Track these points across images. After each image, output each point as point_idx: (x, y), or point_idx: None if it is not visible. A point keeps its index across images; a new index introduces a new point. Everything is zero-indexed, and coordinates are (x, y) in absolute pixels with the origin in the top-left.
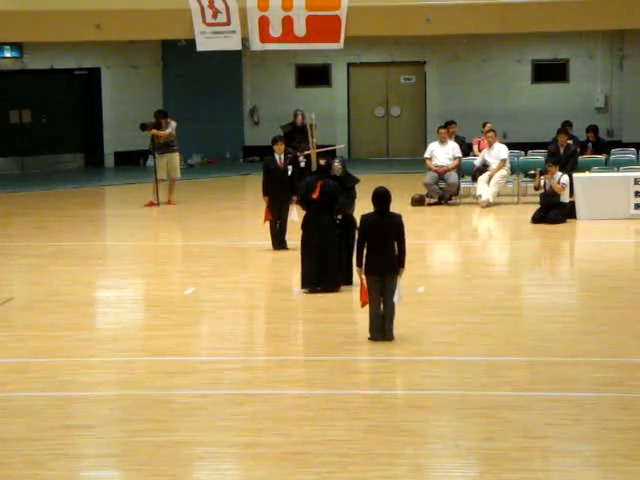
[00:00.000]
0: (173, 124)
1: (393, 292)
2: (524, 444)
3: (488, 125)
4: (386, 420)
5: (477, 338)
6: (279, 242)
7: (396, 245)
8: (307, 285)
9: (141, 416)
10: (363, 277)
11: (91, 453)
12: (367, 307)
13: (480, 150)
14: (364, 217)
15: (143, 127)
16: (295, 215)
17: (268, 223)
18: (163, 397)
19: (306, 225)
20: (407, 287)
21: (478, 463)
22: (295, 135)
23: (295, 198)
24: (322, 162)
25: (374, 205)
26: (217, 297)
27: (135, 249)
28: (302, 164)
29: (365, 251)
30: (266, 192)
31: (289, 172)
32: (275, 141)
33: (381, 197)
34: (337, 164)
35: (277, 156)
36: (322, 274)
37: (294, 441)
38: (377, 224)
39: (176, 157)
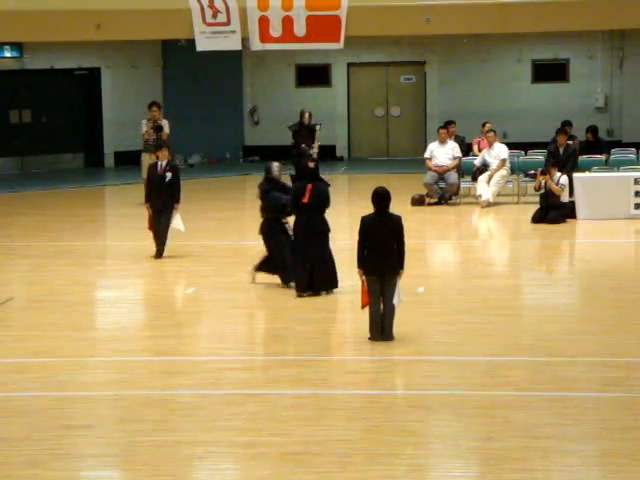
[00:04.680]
0: (166, 123)
1: (393, 293)
2: (524, 444)
3: (488, 125)
4: (386, 420)
5: (477, 338)
6: (158, 251)
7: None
8: (304, 289)
9: (141, 416)
10: (364, 278)
11: (91, 453)
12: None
13: (480, 150)
14: (365, 218)
15: (159, 128)
16: (180, 224)
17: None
18: (163, 397)
19: (298, 230)
20: (407, 287)
21: (478, 463)
22: (303, 133)
23: (177, 205)
24: (311, 165)
25: (374, 205)
26: (217, 297)
27: (135, 249)
28: (312, 165)
29: (365, 252)
30: (147, 199)
31: (167, 179)
32: (159, 147)
33: (381, 197)
34: (276, 168)
35: (159, 163)
36: (317, 278)
37: (294, 441)
38: (377, 224)
39: None
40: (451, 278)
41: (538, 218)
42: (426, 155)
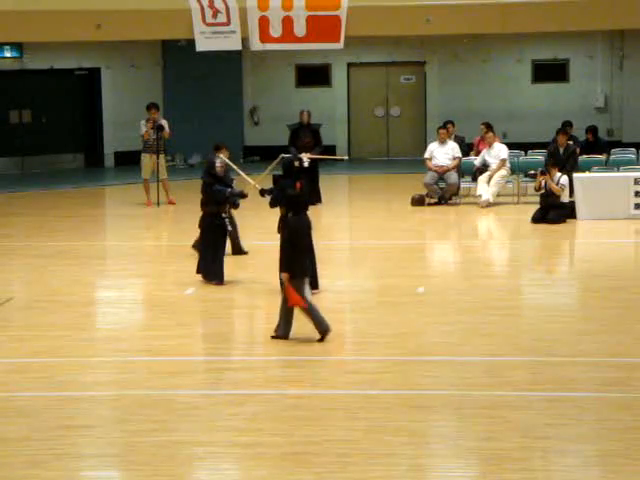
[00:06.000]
0: (165, 123)
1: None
2: (524, 444)
3: (482, 127)
4: (386, 420)
5: (477, 338)
6: (239, 249)
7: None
8: (316, 287)
9: (141, 416)
10: (293, 281)
11: (91, 453)
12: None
13: (479, 150)
14: (294, 221)
15: (161, 128)
16: None
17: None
18: (163, 397)
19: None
20: (407, 287)
21: (478, 463)
22: (301, 133)
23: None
24: (297, 164)
25: (294, 208)
26: (217, 297)
27: (135, 249)
28: (306, 164)
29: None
30: None
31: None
32: (218, 148)
33: (301, 199)
34: (219, 164)
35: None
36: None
37: (294, 441)
38: (304, 226)
39: (161, 158)
40: (451, 278)
41: (538, 218)
42: (426, 155)
